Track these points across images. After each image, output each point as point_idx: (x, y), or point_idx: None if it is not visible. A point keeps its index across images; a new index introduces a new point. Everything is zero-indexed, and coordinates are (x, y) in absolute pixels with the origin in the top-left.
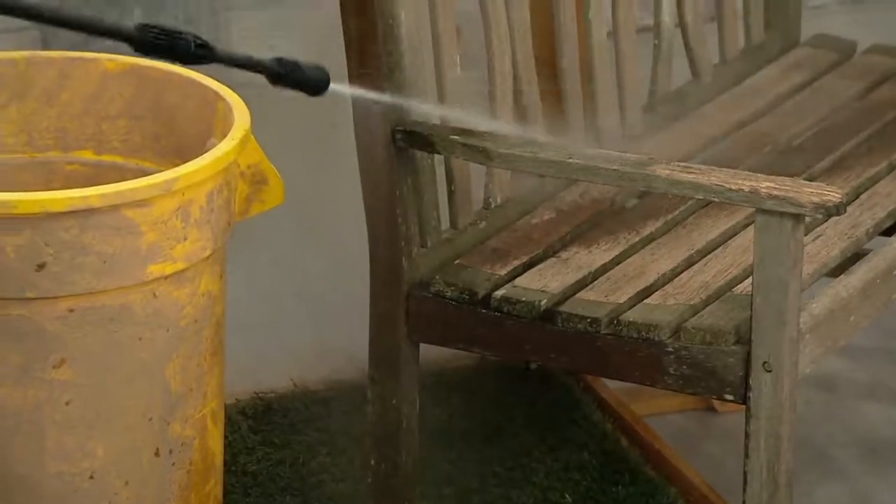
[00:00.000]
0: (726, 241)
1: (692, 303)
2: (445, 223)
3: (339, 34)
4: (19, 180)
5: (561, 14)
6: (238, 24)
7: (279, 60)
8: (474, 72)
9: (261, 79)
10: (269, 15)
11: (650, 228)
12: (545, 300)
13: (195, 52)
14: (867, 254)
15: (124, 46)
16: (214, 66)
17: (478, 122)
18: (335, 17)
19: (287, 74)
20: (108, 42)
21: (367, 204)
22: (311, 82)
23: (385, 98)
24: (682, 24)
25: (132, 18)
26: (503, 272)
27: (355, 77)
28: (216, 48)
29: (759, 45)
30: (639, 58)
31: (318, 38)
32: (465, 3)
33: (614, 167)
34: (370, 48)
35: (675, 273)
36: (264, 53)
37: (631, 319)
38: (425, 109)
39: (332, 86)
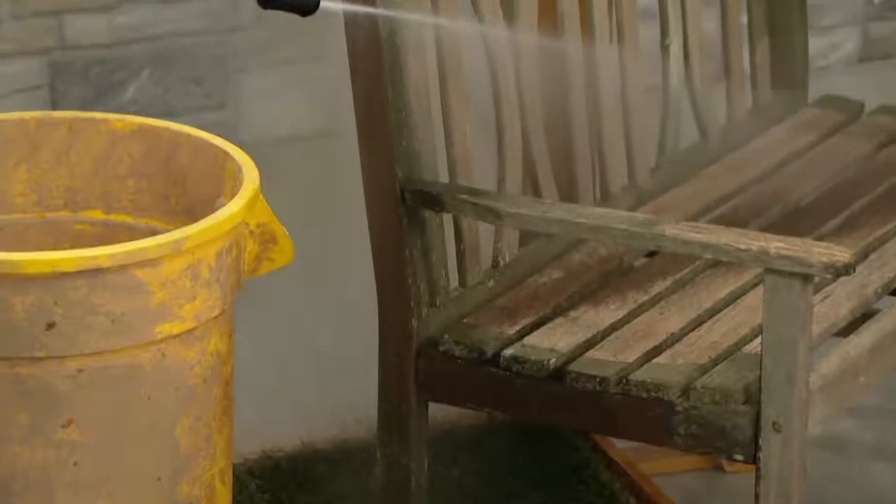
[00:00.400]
0: (735, 300)
1: (701, 362)
2: (454, 281)
3: (350, 90)
4: (28, 240)
5: (570, 74)
6: (248, 84)
7: None
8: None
9: (271, 137)
10: (278, 74)
11: (659, 288)
12: (554, 359)
13: None
14: (876, 314)
15: (132, 106)
16: (224, 126)
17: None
18: (345, 75)
19: None
20: (117, 102)
21: (376, 263)
22: (301, 1)
23: (377, 11)
24: (689, 84)
25: (140, 79)
26: (512, 331)
27: (365, 134)
28: None
29: (766, 105)
30: (647, 117)
31: (328, 94)
32: (475, 64)
33: (623, 226)
34: (379, 110)
35: (684, 332)
36: (277, 112)
37: (640, 379)
38: (417, 19)
39: (322, 3)
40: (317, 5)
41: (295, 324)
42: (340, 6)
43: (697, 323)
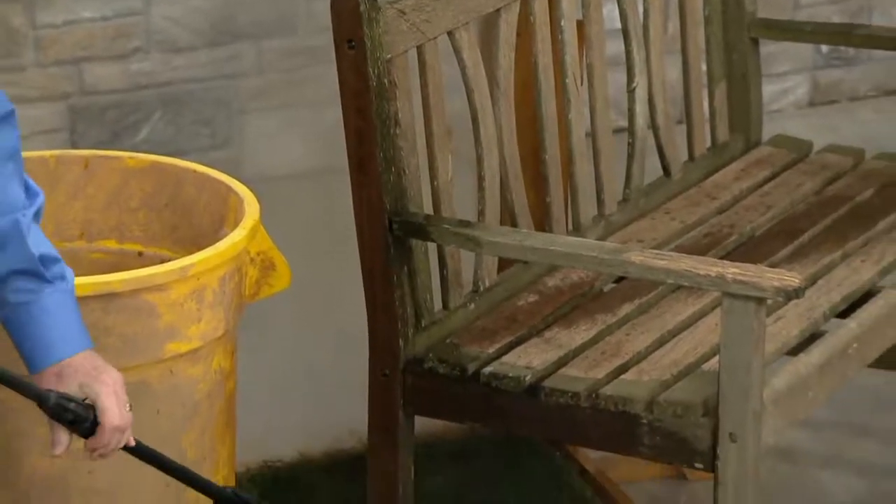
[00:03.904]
0: (695, 322)
1: (664, 379)
2: (438, 304)
3: (342, 133)
4: None
5: (543, 115)
6: (250, 125)
7: None
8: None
9: (271, 173)
10: (278, 116)
11: (626, 310)
12: (530, 376)
13: None
14: (824, 335)
15: (145, 145)
16: (229, 163)
17: None
18: (338, 118)
19: None
20: (131, 142)
21: (366, 287)
22: None
23: None
24: (653, 125)
25: (153, 121)
26: (491, 350)
27: (357, 169)
28: None
29: (723, 144)
30: (615, 155)
31: (322, 136)
32: (456, 104)
33: (593, 254)
34: (369, 146)
35: (649, 351)
36: (277, 151)
37: (608, 394)
38: None
39: None
40: None
41: (292, 345)
42: None
43: (661, 343)
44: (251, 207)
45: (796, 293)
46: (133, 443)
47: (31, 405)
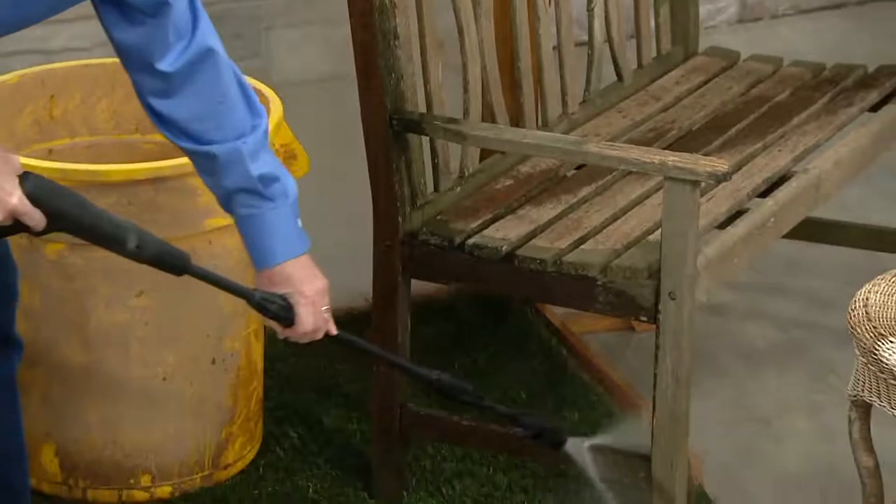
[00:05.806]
0: (641, 201)
1: (616, 248)
2: (430, 188)
3: (351, 45)
4: (109, 155)
5: (518, 30)
6: (276, 38)
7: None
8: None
9: (294, 79)
10: (300, 31)
11: (585, 192)
12: (505, 246)
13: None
14: (747, 211)
15: None
16: (259, 71)
17: None
18: (349, 33)
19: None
20: None
21: (370, 174)
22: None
23: None
24: (609, 39)
25: None
26: (474, 225)
27: (362, 75)
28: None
29: (666, 54)
30: (577, 64)
31: (336, 48)
32: (445, 20)
33: (558, 145)
34: (373, 56)
35: (604, 225)
36: (299, 60)
37: (570, 260)
38: None
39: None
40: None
41: (311, 222)
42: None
43: (614, 218)
44: (276, 107)
45: (725, 177)
46: (334, 332)
47: (98, 269)
